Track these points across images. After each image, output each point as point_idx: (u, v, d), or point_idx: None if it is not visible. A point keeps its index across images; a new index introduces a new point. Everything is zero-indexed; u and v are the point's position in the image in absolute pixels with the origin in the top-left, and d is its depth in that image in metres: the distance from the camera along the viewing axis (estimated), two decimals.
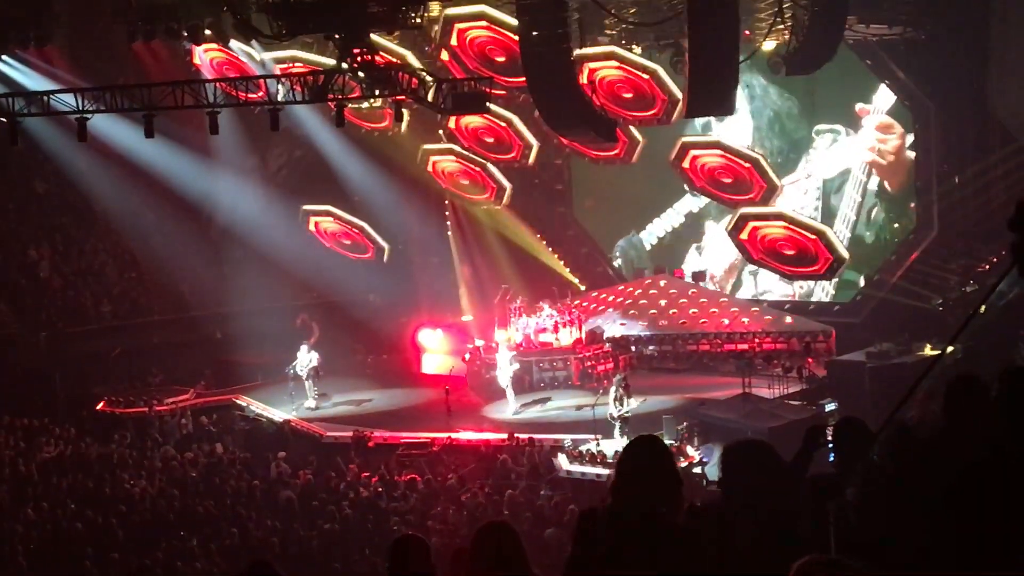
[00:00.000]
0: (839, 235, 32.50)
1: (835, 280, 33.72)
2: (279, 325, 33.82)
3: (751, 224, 31.64)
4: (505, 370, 29.27)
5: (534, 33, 24.09)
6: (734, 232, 32.33)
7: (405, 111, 30.00)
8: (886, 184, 33.86)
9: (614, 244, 39.24)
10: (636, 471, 5.85)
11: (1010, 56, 28.39)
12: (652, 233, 37.79)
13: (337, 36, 25.54)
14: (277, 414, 30.65)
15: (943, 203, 31.93)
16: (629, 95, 29.69)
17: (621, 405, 25.09)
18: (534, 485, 23.61)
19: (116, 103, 25.80)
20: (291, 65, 31.41)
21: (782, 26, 26.81)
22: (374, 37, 26.28)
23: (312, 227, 38.38)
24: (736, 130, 34.40)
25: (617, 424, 25.13)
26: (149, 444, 28.71)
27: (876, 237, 34.53)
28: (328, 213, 38.10)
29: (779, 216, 31.28)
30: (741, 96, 33.37)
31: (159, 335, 35.97)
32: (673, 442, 24.05)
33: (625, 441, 24.68)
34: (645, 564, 5.73)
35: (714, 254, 37.06)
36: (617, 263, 38.89)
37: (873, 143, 33.66)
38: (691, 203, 37.36)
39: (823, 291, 35.13)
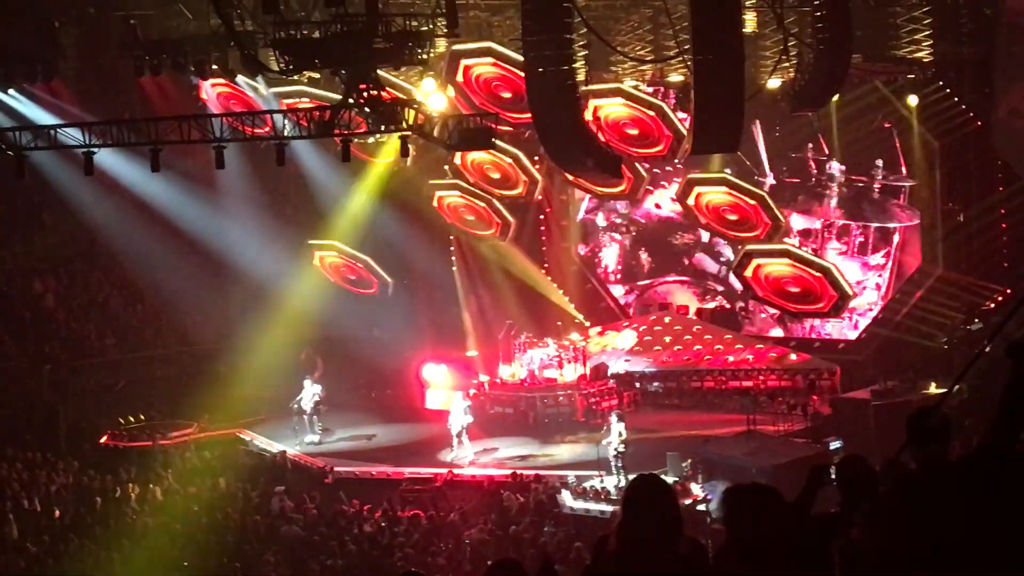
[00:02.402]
0: None
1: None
2: (283, 359, 33.82)
3: (756, 261, 31.65)
4: (458, 418, 28.80)
5: (540, 69, 24.16)
6: (739, 269, 32.35)
7: (411, 146, 30.09)
8: None
9: (618, 279, 39.22)
10: (642, 511, 5.82)
11: (1015, 94, 28.46)
12: None
13: (343, 71, 25.62)
14: (279, 448, 30.63)
15: (948, 241, 31.94)
16: (634, 132, 29.75)
17: (620, 441, 25.09)
18: (538, 522, 23.52)
19: (122, 137, 25.88)
20: (297, 100, 31.54)
21: (787, 64, 26.89)
22: (380, 73, 26.35)
23: (317, 262, 38.43)
24: None
25: (613, 461, 25.11)
26: (152, 478, 28.64)
27: None
28: (333, 248, 38.15)
29: (784, 253, 31.29)
30: None
31: (163, 369, 35.97)
32: (677, 479, 24.00)
33: (623, 477, 24.64)
34: None
35: None
36: None
37: None
38: None
39: None
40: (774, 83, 28.52)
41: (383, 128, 26.98)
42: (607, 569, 5.87)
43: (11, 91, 31.25)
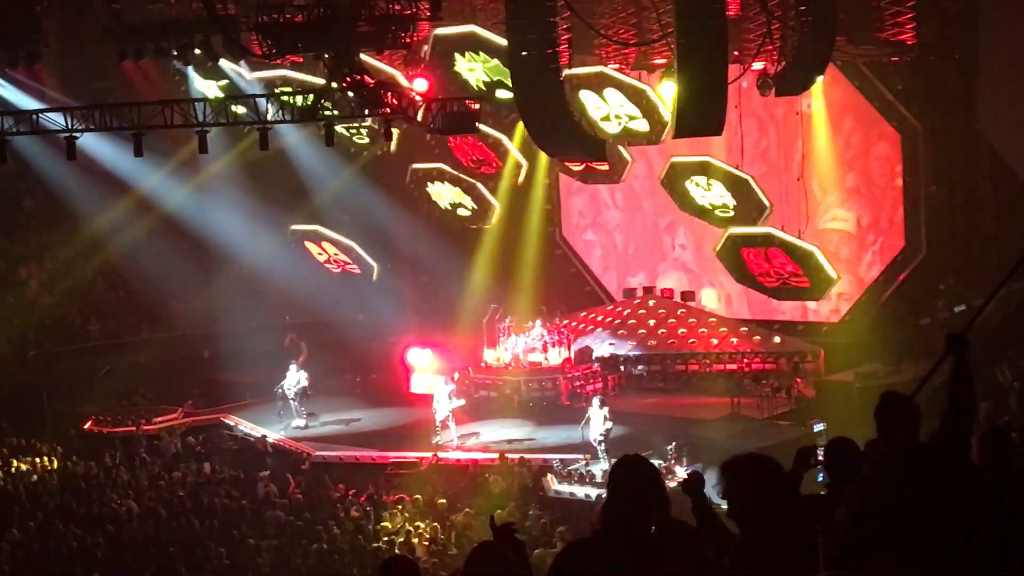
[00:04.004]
0: None
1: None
2: (268, 344, 33.80)
3: (739, 245, 31.65)
4: (443, 404, 28.71)
5: (523, 53, 24.11)
6: (722, 252, 32.35)
7: (394, 130, 30.02)
8: None
9: (601, 263, 39.18)
10: (628, 491, 5.83)
11: (999, 77, 28.47)
12: None
13: (327, 56, 25.55)
14: (263, 433, 30.64)
15: (931, 224, 31.96)
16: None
17: (603, 425, 25.12)
18: (523, 505, 23.57)
19: (105, 122, 25.79)
20: (281, 84, 31.49)
21: (771, 47, 26.86)
22: (364, 56, 26.27)
23: (305, 246, 38.44)
24: None
25: (598, 446, 25.14)
26: (137, 464, 28.64)
27: None
28: (316, 233, 38.10)
29: (767, 238, 31.27)
30: None
31: (147, 354, 35.93)
32: (662, 462, 24.07)
33: (608, 461, 24.65)
34: None
35: None
36: None
37: None
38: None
39: None
40: (757, 66, 28.45)
41: (367, 112, 26.95)
42: (594, 554, 5.87)
43: None
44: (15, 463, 28.25)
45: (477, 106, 26.50)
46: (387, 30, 25.19)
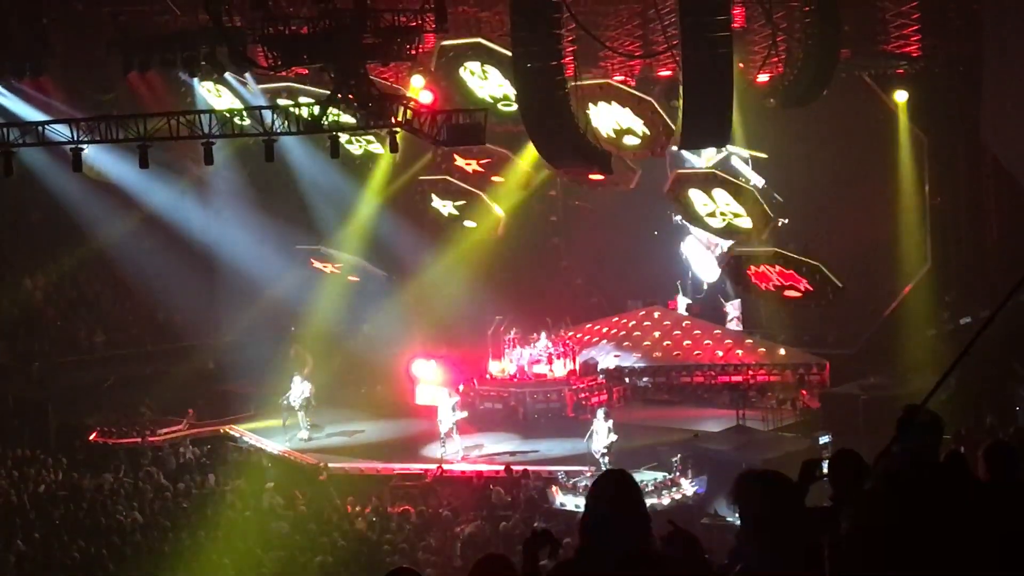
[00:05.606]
0: None
1: None
2: (273, 356, 33.79)
3: (746, 262, 31.65)
4: (447, 416, 28.60)
5: (528, 65, 24.13)
6: (728, 269, 32.36)
7: (399, 140, 30.02)
8: None
9: (607, 274, 39.16)
10: (604, 508, 5.78)
11: (1004, 88, 28.45)
12: None
13: (332, 67, 25.59)
14: (269, 445, 30.61)
15: (936, 236, 31.94)
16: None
17: (607, 438, 25.07)
18: (528, 517, 23.52)
19: (111, 133, 25.81)
20: (286, 96, 31.54)
21: (776, 59, 26.87)
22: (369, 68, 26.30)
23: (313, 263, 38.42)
24: None
25: (601, 458, 25.09)
26: (141, 475, 28.60)
27: None
28: (319, 252, 37.98)
29: (773, 255, 31.22)
30: None
31: (152, 365, 35.90)
32: (668, 474, 24.05)
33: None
34: None
35: None
36: None
37: None
38: None
39: None
40: (762, 78, 28.47)
41: (372, 124, 26.96)
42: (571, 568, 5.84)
43: None
44: (20, 474, 28.22)
45: (483, 118, 26.48)
46: (392, 42, 25.23)
